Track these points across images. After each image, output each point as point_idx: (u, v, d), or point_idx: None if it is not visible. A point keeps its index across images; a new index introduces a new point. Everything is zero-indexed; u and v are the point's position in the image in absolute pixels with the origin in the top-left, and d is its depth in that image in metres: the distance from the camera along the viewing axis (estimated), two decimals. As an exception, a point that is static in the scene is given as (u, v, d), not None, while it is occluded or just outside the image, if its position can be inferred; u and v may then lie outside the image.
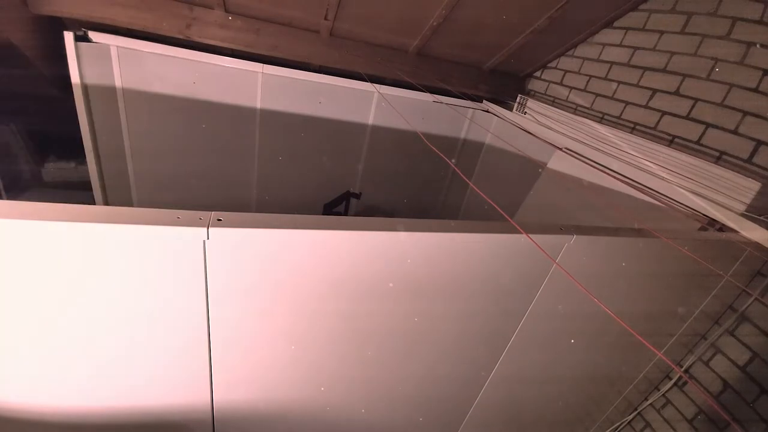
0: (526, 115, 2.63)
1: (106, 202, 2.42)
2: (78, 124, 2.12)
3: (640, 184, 1.76)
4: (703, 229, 1.51)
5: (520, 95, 2.73)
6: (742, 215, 1.46)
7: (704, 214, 1.54)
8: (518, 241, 1.00)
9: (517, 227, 0.97)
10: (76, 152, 2.19)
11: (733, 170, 1.56)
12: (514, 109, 2.75)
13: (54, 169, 2.58)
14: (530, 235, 0.97)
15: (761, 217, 1.44)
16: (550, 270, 1.13)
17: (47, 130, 2.43)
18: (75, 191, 2.50)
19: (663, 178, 1.71)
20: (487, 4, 2.06)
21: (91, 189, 2.35)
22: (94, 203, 2.37)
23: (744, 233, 1.41)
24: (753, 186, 1.47)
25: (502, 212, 1.06)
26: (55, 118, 2.20)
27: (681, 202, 1.61)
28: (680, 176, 1.68)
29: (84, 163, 2.25)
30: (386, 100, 2.57)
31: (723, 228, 1.46)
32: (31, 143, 2.40)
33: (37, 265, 0.73)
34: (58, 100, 2.08)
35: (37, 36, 1.91)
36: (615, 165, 1.90)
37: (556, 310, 1.25)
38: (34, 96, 2.20)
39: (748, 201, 1.48)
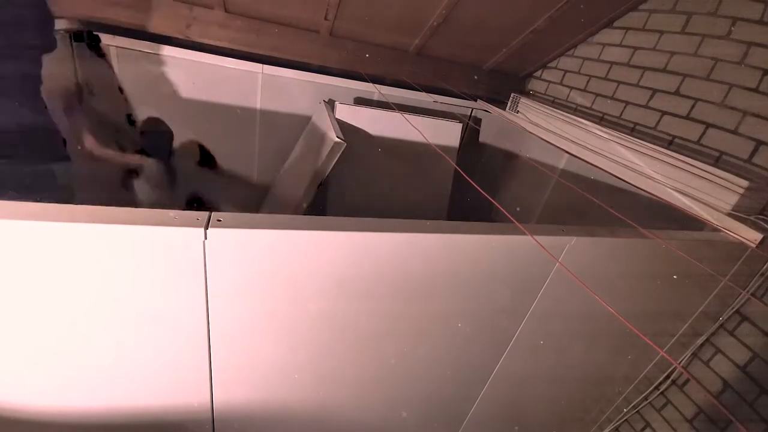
0: (519, 114, 2.63)
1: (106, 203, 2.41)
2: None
3: (628, 182, 1.76)
4: (701, 229, 1.51)
5: (513, 94, 2.73)
6: (743, 215, 1.46)
7: (703, 215, 1.54)
8: (520, 242, 1.00)
9: (521, 228, 0.97)
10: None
11: (730, 170, 1.55)
12: (507, 108, 2.74)
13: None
14: (532, 236, 0.97)
15: (763, 216, 1.44)
16: (552, 271, 1.13)
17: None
18: (74, 192, 2.50)
19: (650, 177, 1.71)
20: (488, 4, 2.06)
21: (90, 190, 2.35)
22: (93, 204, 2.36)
23: (746, 233, 1.41)
24: (754, 186, 1.47)
25: (505, 212, 1.06)
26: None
27: (674, 203, 1.61)
28: (669, 178, 1.67)
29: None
30: (387, 101, 2.57)
31: (724, 228, 1.46)
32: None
33: (31, 266, 0.73)
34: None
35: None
36: (603, 163, 1.89)
37: (557, 311, 1.25)
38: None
39: (749, 201, 1.48)
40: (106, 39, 2.03)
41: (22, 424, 0.96)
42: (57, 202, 0.72)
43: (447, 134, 2.63)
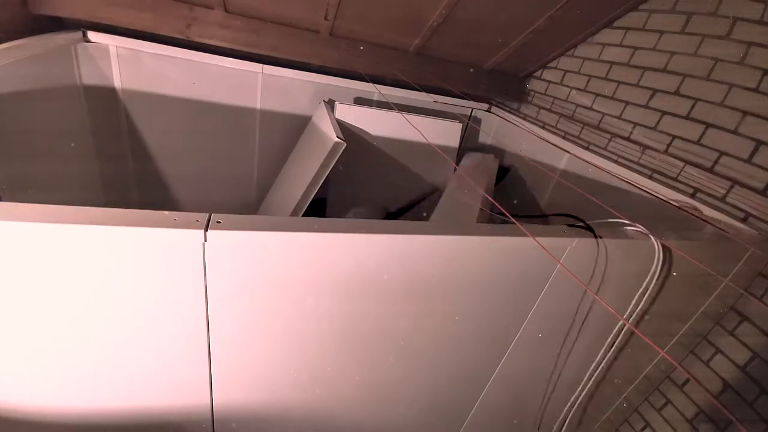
0: (519, 114, 2.62)
1: (106, 203, 2.41)
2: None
3: (628, 182, 1.77)
4: (701, 229, 1.51)
5: (516, 95, 2.73)
6: (743, 215, 1.46)
7: (704, 216, 1.54)
8: (521, 243, 1.00)
9: (523, 230, 0.97)
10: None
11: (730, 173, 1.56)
12: (511, 109, 2.74)
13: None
14: (533, 237, 0.97)
15: (763, 217, 1.44)
16: (553, 272, 1.13)
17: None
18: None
19: (659, 180, 1.71)
20: (488, 3, 2.06)
21: (90, 189, 2.35)
22: (94, 204, 2.36)
23: (746, 233, 1.41)
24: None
25: (506, 213, 1.06)
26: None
27: (676, 203, 1.61)
28: (676, 180, 1.68)
29: (84, 164, 2.25)
30: (387, 101, 2.57)
31: (724, 229, 1.47)
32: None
33: (32, 268, 0.73)
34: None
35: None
36: (603, 163, 1.90)
37: (558, 312, 1.25)
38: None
39: (749, 201, 1.48)
40: (106, 39, 2.03)
41: (21, 424, 0.96)
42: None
43: (447, 134, 2.63)
